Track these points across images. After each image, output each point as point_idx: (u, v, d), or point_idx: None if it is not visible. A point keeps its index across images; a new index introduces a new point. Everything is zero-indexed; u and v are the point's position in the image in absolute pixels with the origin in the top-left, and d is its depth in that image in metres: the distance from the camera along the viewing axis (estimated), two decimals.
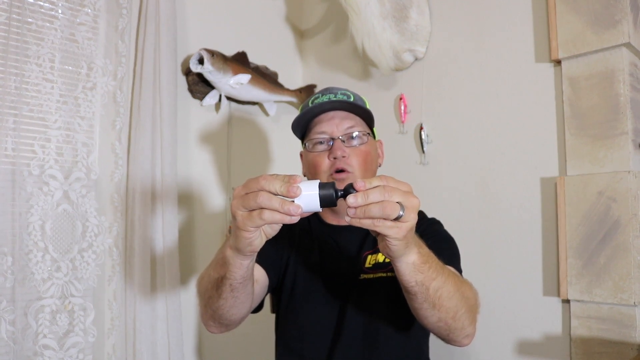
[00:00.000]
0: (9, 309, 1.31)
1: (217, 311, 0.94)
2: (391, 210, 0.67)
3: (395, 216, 0.68)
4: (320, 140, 1.09)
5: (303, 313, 1.12)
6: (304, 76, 2.18)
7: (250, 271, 0.87)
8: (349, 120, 1.09)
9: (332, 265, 1.13)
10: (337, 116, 1.09)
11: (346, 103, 1.08)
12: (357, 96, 1.14)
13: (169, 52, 1.60)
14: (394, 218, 0.68)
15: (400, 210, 0.68)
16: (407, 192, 0.70)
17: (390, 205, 0.67)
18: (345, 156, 1.06)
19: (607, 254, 1.28)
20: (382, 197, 0.68)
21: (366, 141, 1.10)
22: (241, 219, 0.72)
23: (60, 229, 1.44)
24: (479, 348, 1.54)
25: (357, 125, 1.10)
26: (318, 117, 1.10)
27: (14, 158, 1.35)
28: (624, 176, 1.28)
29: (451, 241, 1.12)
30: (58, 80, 1.45)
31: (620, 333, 1.26)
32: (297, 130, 1.14)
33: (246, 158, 1.94)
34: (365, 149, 1.09)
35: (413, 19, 1.70)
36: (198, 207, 1.79)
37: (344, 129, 1.08)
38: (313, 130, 1.10)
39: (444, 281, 0.81)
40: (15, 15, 1.36)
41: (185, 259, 1.71)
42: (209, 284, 0.91)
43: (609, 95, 1.32)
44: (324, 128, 1.09)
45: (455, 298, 0.84)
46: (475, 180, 1.60)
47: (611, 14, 1.31)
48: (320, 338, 1.09)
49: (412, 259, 0.76)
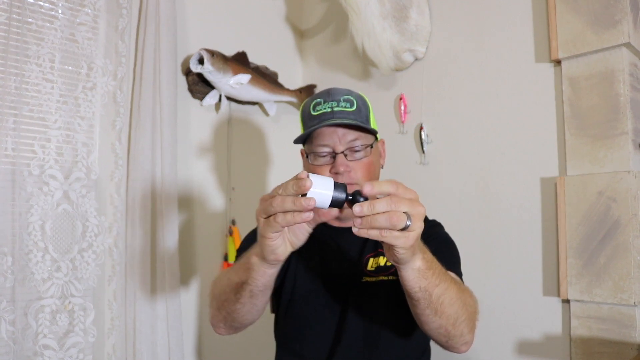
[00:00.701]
0: (9, 309, 1.31)
1: (231, 314, 0.95)
2: (398, 221, 0.67)
3: (402, 226, 0.67)
4: (323, 154, 1.06)
5: (303, 314, 1.12)
6: (304, 76, 2.18)
7: (272, 280, 0.88)
8: (352, 132, 1.06)
9: (334, 268, 1.12)
10: (340, 128, 1.05)
11: (349, 118, 1.04)
12: (360, 100, 1.10)
13: (169, 52, 1.61)
14: (401, 228, 0.67)
15: (407, 220, 0.67)
16: (413, 201, 0.69)
17: (397, 216, 0.67)
18: (349, 171, 1.04)
19: (607, 254, 1.28)
20: (388, 207, 0.67)
21: (369, 153, 1.07)
22: (261, 226, 0.74)
23: (60, 229, 1.44)
24: (479, 348, 1.54)
25: (360, 138, 1.06)
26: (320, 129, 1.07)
27: (14, 158, 1.35)
28: (624, 176, 1.28)
29: (452, 244, 1.11)
30: (58, 80, 1.45)
31: (620, 333, 1.26)
32: (299, 140, 1.11)
33: (246, 158, 1.94)
34: (369, 160, 1.07)
35: (413, 19, 1.70)
36: (198, 207, 1.79)
37: (346, 142, 1.05)
38: (315, 142, 1.07)
39: (447, 288, 0.81)
40: (15, 15, 1.36)
41: (185, 259, 1.71)
42: (227, 286, 0.92)
43: (609, 95, 1.32)
44: (327, 141, 1.05)
45: (457, 305, 0.84)
46: (475, 180, 1.60)
47: (611, 14, 1.31)
48: (320, 339, 1.09)
49: (417, 265, 0.76)
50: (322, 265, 1.13)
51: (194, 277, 1.75)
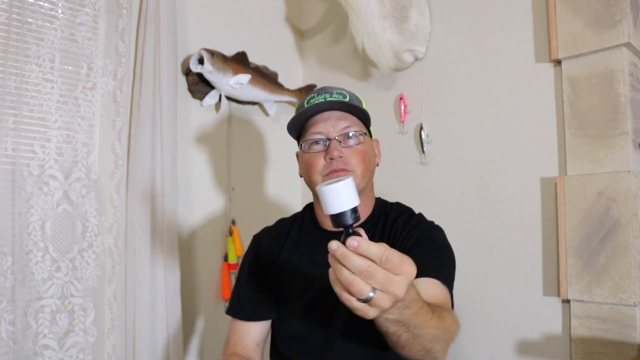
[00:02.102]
0: (9, 309, 1.31)
1: None
2: (356, 291, 0.60)
3: (362, 298, 0.61)
4: (316, 141, 1.07)
5: (294, 319, 1.12)
6: (304, 76, 2.18)
7: None
8: (345, 120, 1.07)
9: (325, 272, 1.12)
10: (332, 116, 1.07)
11: (342, 103, 1.06)
12: (353, 95, 1.12)
13: (169, 52, 1.60)
14: (361, 299, 0.61)
15: (370, 292, 0.60)
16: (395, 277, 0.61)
17: (357, 286, 0.59)
18: (342, 156, 1.04)
19: (607, 254, 1.28)
20: (358, 272, 0.59)
21: (363, 141, 1.08)
22: None
23: (60, 229, 1.44)
24: (479, 348, 1.54)
25: (354, 125, 1.08)
26: (314, 118, 1.08)
27: (14, 158, 1.35)
28: (624, 176, 1.28)
29: (446, 250, 1.08)
30: (58, 80, 1.45)
31: (620, 333, 1.26)
32: (293, 131, 1.12)
33: (246, 158, 1.94)
34: (362, 148, 1.08)
35: (413, 19, 1.70)
36: (198, 207, 1.79)
37: (340, 129, 1.06)
38: (309, 131, 1.08)
39: (424, 326, 0.75)
40: (15, 15, 1.36)
41: (185, 259, 1.71)
42: None
43: (609, 95, 1.32)
44: (320, 128, 1.07)
45: (432, 340, 0.78)
46: (475, 180, 1.60)
47: (611, 14, 1.31)
48: (312, 344, 1.09)
49: (390, 317, 0.69)
50: (314, 270, 1.12)
51: (194, 277, 1.75)
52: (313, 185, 1.09)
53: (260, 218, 1.82)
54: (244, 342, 1.18)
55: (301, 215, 1.24)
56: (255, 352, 1.18)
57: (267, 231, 1.26)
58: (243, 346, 1.17)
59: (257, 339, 1.19)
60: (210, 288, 1.79)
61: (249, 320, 1.18)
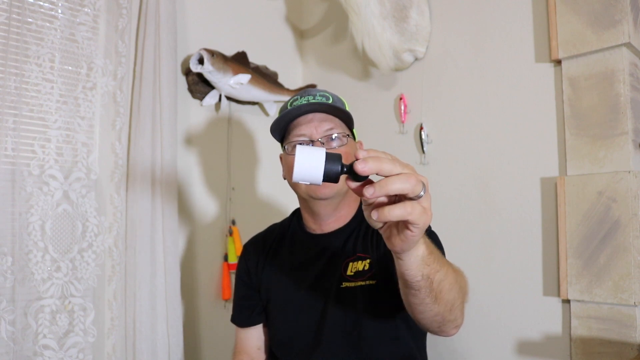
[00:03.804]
0: (9, 309, 1.31)
1: None
2: (415, 182, 0.58)
3: (418, 192, 0.58)
4: (300, 143, 1.06)
5: (282, 320, 1.14)
6: (304, 76, 2.18)
7: None
8: (328, 122, 1.07)
9: (312, 273, 1.12)
10: (315, 118, 1.07)
11: (325, 105, 1.06)
12: (335, 97, 1.12)
13: (169, 52, 1.60)
14: (417, 195, 0.59)
15: (422, 189, 0.59)
16: None
17: (415, 176, 0.57)
18: None
19: (607, 254, 1.28)
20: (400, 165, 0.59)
21: (346, 142, 1.08)
22: None
23: (60, 229, 1.44)
24: (479, 348, 1.54)
25: (337, 127, 1.08)
26: (297, 120, 1.08)
27: (14, 158, 1.35)
28: (624, 176, 1.28)
29: (436, 235, 1.09)
30: (58, 80, 1.45)
31: (620, 333, 1.26)
32: (276, 133, 1.11)
33: (246, 158, 1.94)
34: (346, 150, 1.07)
35: (413, 19, 1.70)
36: (198, 207, 1.79)
37: (323, 131, 1.06)
38: (292, 133, 1.08)
39: (446, 272, 0.77)
40: (15, 15, 1.36)
41: (185, 259, 1.71)
42: None
43: (609, 95, 1.32)
44: (303, 130, 1.06)
45: (455, 290, 0.81)
46: (475, 180, 1.60)
47: (611, 14, 1.31)
48: (300, 345, 1.10)
49: (421, 251, 0.70)
50: (301, 272, 1.13)
51: (194, 277, 1.75)
52: (296, 188, 1.10)
53: (260, 218, 1.82)
54: (245, 347, 1.24)
55: (288, 221, 1.27)
56: (257, 355, 1.23)
57: (255, 240, 1.29)
58: (246, 351, 1.23)
59: (257, 343, 1.24)
60: (210, 288, 1.79)
61: (243, 327, 1.23)
